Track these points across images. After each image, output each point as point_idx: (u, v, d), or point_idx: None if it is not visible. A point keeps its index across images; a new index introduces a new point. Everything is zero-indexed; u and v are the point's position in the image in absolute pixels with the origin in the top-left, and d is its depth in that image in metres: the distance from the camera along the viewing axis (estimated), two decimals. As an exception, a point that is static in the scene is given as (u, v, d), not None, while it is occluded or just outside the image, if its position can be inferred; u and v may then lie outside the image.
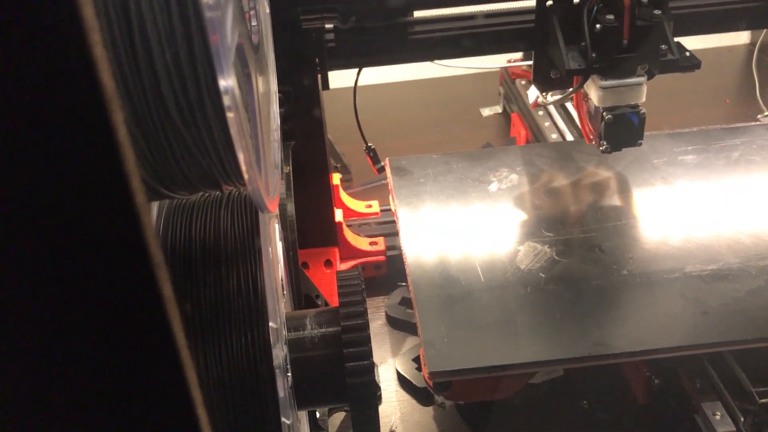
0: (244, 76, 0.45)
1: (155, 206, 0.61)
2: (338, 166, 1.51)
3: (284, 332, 0.64)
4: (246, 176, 0.40)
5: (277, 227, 0.77)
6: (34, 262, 0.26)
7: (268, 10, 0.65)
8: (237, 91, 0.36)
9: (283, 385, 0.55)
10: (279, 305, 0.63)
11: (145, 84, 0.37)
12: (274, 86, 0.65)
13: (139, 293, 0.28)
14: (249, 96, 0.45)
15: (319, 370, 0.63)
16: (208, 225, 0.60)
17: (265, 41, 0.59)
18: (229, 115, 0.36)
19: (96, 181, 0.25)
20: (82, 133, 0.24)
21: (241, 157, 0.38)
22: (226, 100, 0.35)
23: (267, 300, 0.55)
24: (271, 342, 0.54)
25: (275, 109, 0.63)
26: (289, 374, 0.62)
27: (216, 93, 0.36)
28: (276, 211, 0.55)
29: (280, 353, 0.55)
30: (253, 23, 0.51)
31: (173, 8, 0.34)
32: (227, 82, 0.35)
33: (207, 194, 0.64)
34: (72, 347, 0.28)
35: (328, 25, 1.04)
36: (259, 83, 0.56)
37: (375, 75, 1.74)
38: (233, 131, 0.37)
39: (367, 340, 0.63)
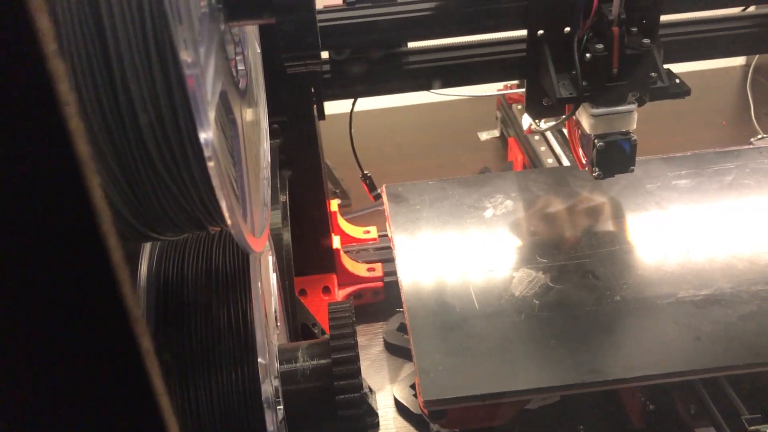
0: (228, 122, 0.46)
1: (148, 244, 0.63)
2: (337, 191, 1.52)
3: (276, 365, 0.65)
4: (229, 222, 0.41)
5: (270, 259, 0.78)
6: (15, 319, 0.27)
7: (258, 50, 0.67)
8: (217, 142, 0.38)
9: (272, 420, 0.56)
10: (270, 339, 0.64)
11: (130, 139, 0.38)
12: (264, 123, 0.67)
13: (118, 348, 0.29)
14: (234, 141, 0.47)
15: (310, 402, 0.64)
16: (200, 262, 0.61)
17: (255, 82, 0.61)
18: (210, 164, 0.37)
19: (73, 243, 0.26)
20: (59, 200, 0.26)
21: (223, 203, 0.40)
22: (207, 152, 0.37)
23: (256, 336, 0.56)
24: (260, 377, 0.55)
25: (265, 146, 0.64)
26: (281, 407, 0.63)
27: (197, 145, 0.37)
28: (262, 250, 0.56)
29: (269, 388, 0.56)
30: (240, 68, 0.53)
31: (155, 66, 0.36)
32: (207, 134, 0.36)
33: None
34: (52, 400, 0.29)
35: (323, 56, 1.06)
36: (249, 124, 0.57)
37: (375, 100, 1.75)
38: (214, 180, 0.38)
39: (357, 373, 0.64)
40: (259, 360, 0.55)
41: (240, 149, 0.48)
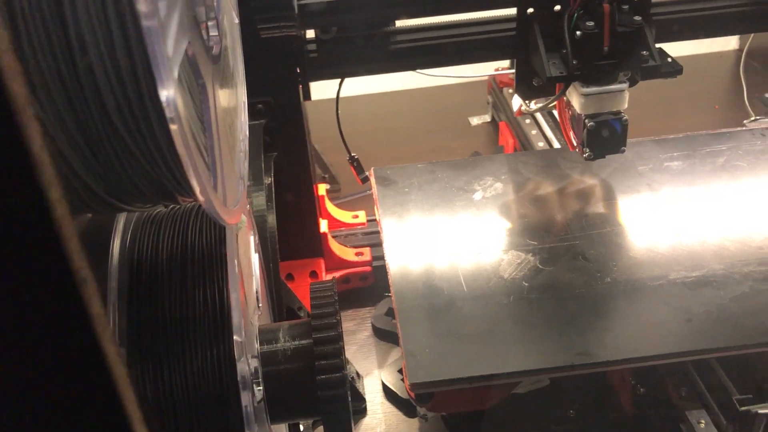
0: (198, 87, 0.44)
1: (122, 218, 0.61)
2: (326, 176, 1.50)
3: (256, 345, 0.63)
4: (196, 188, 0.39)
5: (252, 239, 0.76)
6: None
7: (237, 21, 0.65)
8: (180, 102, 0.36)
9: (249, 400, 0.54)
10: (249, 318, 0.62)
11: (87, 95, 0.36)
12: (243, 97, 0.64)
13: (64, 313, 0.27)
14: (204, 107, 0.45)
15: (290, 383, 0.63)
16: (175, 238, 0.59)
17: (231, 52, 0.59)
18: (172, 126, 0.35)
19: (10, 195, 0.24)
20: (-8, 146, 0.24)
21: (189, 169, 0.38)
22: (168, 112, 0.35)
23: (232, 312, 0.54)
24: (236, 356, 0.53)
25: (243, 119, 0.62)
26: (260, 388, 0.61)
27: (158, 104, 0.35)
28: (239, 222, 0.55)
29: (245, 367, 0.54)
30: (212, 33, 0.51)
31: (111, 17, 0.34)
32: (169, 92, 0.35)
33: (176, 207, 0.64)
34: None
35: (309, 36, 1.04)
36: (224, 94, 0.55)
37: (365, 85, 1.74)
38: (177, 142, 0.36)
39: (340, 353, 0.62)
40: (235, 338, 0.53)
41: (210, 116, 0.46)
